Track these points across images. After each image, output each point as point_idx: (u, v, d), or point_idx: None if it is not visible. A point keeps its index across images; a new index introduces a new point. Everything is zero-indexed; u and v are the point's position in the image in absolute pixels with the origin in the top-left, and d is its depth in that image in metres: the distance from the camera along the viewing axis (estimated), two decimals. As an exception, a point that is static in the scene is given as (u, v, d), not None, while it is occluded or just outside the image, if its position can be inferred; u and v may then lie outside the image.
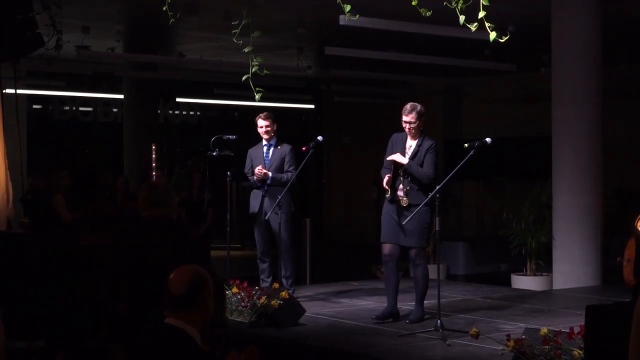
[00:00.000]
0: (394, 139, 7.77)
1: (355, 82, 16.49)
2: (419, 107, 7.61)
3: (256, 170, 8.50)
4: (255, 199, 8.67)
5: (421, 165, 7.54)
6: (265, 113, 8.72)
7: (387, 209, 7.64)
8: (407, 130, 7.62)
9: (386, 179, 7.51)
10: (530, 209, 11.47)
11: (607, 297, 8.68)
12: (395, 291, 7.67)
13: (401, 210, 7.52)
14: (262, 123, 8.63)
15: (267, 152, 8.67)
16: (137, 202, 5.17)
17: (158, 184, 5.00)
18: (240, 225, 16.51)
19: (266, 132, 8.62)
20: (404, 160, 7.48)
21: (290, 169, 8.54)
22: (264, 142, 8.68)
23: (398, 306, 7.72)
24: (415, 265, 7.67)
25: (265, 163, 8.60)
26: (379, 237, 7.80)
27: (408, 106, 7.63)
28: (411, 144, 7.65)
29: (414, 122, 7.54)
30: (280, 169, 8.55)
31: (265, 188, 8.53)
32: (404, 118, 7.58)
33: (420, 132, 7.63)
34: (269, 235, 8.60)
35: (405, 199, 7.49)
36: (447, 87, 17.73)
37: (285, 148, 8.64)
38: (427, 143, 7.63)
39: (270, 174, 8.49)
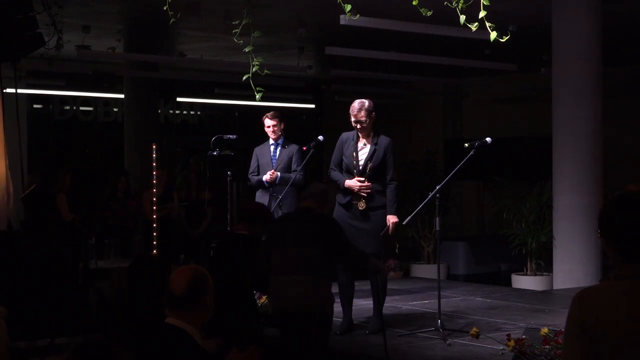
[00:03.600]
0: (344, 139, 7.37)
1: (356, 82, 16.49)
2: (367, 103, 7.20)
3: (267, 177, 8.44)
4: (261, 199, 8.61)
5: (383, 164, 7.22)
6: (272, 112, 8.65)
7: (341, 214, 7.22)
8: (358, 129, 7.23)
9: (354, 183, 7.15)
10: (530, 209, 11.49)
11: (607, 297, 8.67)
12: (352, 302, 7.40)
13: (357, 215, 7.17)
14: (269, 122, 8.56)
15: (275, 152, 8.60)
16: (139, 201, 5.36)
17: (314, 185, 6.16)
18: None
19: (273, 132, 8.54)
20: (395, 219, 7.17)
21: (298, 168, 8.49)
22: (271, 142, 8.61)
23: (399, 306, 7.72)
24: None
25: (272, 162, 8.56)
26: None
27: (356, 104, 7.22)
28: (365, 143, 7.27)
29: (365, 120, 7.15)
30: (287, 168, 8.50)
31: (273, 188, 8.48)
32: (353, 118, 7.19)
33: (372, 129, 7.27)
34: None
35: (362, 202, 7.17)
36: (447, 87, 17.72)
37: (293, 148, 8.57)
38: (385, 141, 7.26)
39: (278, 174, 8.45)
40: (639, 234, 2.69)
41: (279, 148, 8.59)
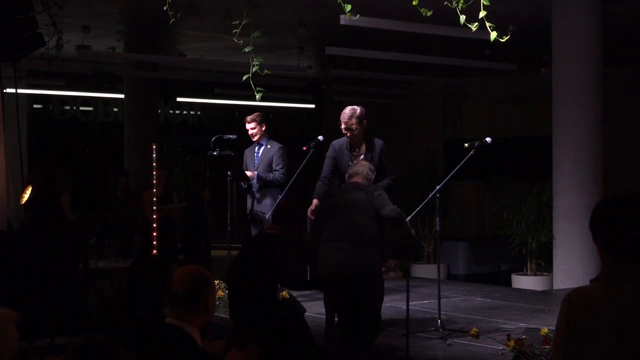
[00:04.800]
0: (336, 148, 7.22)
1: (356, 82, 16.47)
2: (359, 110, 7.13)
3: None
4: (249, 199, 8.77)
5: (380, 169, 7.07)
6: (251, 115, 8.78)
7: None
8: (348, 137, 7.13)
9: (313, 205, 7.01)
10: (530, 209, 11.48)
11: (607, 297, 8.66)
12: None
13: None
14: (247, 125, 8.75)
15: (257, 152, 8.78)
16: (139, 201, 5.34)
17: (361, 163, 6.50)
18: (241, 224, 16.50)
19: (252, 134, 8.73)
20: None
21: (278, 167, 8.60)
22: (256, 142, 8.79)
23: (399, 306, 7.71)
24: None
25: (254, 163, 8.71)
26: None
27: (347, 110, 7.12)
28: (357, 150, 7.17)
29: (356, 128, 7.08)
30: (268, 168, 8.63)
31: (254, 188, 8.62)
32: (344, 125, 7.09)
33: (363, 136, 7.16)
34: None
35: None
36: (447, 87, 17.71)
37: (274, 148, 8.71)
38: (378, 145, 7.17)
39: (255, 173, 8.59)
40: (638, 234, 2.68)
41: (261, 149, 8.75)
